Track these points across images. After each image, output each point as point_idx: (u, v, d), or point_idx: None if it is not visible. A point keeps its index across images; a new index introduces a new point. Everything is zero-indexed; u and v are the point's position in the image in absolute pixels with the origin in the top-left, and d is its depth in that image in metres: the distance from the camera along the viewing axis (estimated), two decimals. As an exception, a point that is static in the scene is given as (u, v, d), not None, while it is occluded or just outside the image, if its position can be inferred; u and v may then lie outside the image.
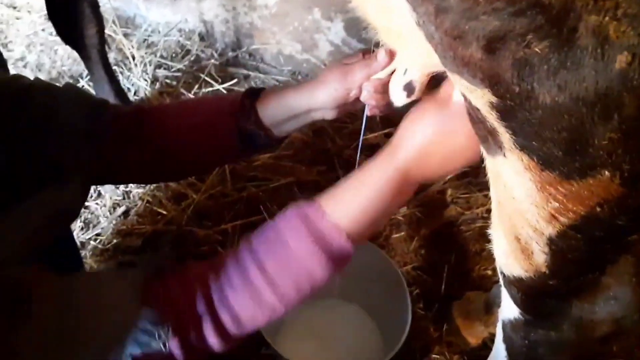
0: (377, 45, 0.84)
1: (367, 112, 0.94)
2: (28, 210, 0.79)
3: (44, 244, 0.82)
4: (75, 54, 1.87)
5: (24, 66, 2.10)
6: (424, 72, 0.80)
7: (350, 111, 1.02)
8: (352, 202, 0.80)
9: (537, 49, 0.43)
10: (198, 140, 1.03)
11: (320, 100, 0.96)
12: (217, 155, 1.09)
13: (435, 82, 0.81)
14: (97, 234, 1.57)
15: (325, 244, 0.78)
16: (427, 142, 0.77)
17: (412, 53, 0.75)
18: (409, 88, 0.82)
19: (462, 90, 0.54)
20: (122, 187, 1.69)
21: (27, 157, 0.85)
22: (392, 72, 0.88)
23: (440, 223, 1.62)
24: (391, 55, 0.87)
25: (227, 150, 1.06)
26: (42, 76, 2.04)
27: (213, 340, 0.77)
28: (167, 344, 0.73)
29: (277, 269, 0.78)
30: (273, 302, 0.78)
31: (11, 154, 0.82)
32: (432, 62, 0.57)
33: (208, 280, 0.78)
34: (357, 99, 0.94)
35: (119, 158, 1.00)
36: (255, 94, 1.02)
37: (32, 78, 0.93)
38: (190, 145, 1.03)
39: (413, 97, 0.83)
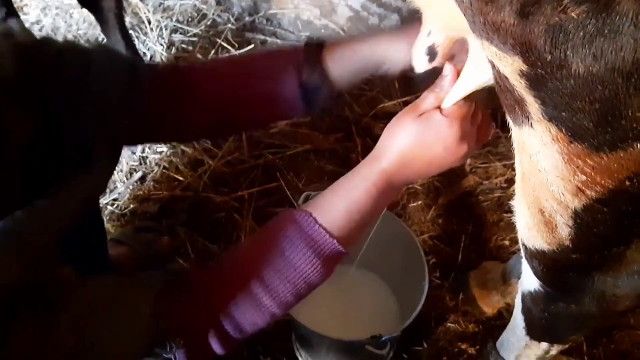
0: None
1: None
2: (67, 197, 0.79)
3: (77, 225, 0.82)
4: (91, 17, 1.85)
5: (40, 30, 2.09)
6: (448, 36, 0.77)
7: None
8: (339, 207, 0.83)
9: (573, 14, 0.41)
10: (254, 95, 0.99)
11: (395, 53, 0.94)
12: (273, 110, 1.04)
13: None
14: (114, 199, 1.58)
15: (319, 250, 0.81)
16: (407, 149, 0.80)
17: (437, 14, 0.73)
18: (431, 52, 0.80)
19: (491, 57, 0.52)
20: (138, 152, 1.69)
21: (60, 126, 0.83)
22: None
23: (458, 192, 1.60)
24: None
25: (290, 102, 1.00)
26: (58, 40, 2.03)
27: (217, 347, 0.82)
28: (175, 355, 0.78)
29: (274, 276, 0.81)
30: (273, 308, 0.82)
31: (45, 124, 0.81)
32: (458, 26, 0.55)
33: (211, 291, 0.82)
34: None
35: (161, 119, 0.98)
36: (318, 45, 0.98)
37: (43, 37, 0.90)
38: (245, 102, 1.00)
39: (435, 64, 0.81)
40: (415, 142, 0.80)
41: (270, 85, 0.98)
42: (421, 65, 0.85)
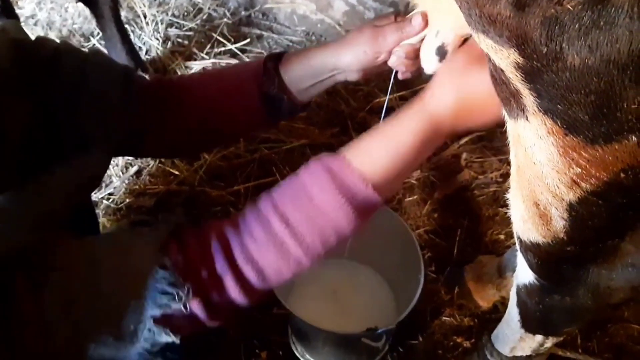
0: (405, 6, 0.81)
1: (393, 77, 0.91)
2: (61, 177, 0.78)
3: (71, 209, 0.82)
4: (86, 11, 1.85)
5: (35, 24, 2.08)
6: (457, 34, 0.77)
7: (373, 74, 0.99)
8: (379, 151, 0.77)
9: (569, 6, 0.41)
10: (224, 108, 1.01)
11: (346, 61, 0.93)
12: (243, 123, 1.06)
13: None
14: (110, 194, 1.58)
15: (351, 195, 0.75)
16: (464, 95, 0.74)
17: (444, 14, 0.73)
18: (441, 52, 0.79)
19: (487, 50, 0.53)
20: (134, 147, 1.69)
21: (57, 123, 0.83)
22: (424, 38, 0.85)
23: (454, 187, 1.60)
24: (426, 20, 0.83)
25: (253, 117, 1.03)
26: (53, 34, 2.02)
27: (236, 295, 0.76)
28: (187, 305, 0.72)
29: (301, 220, 0.75)
30: (299, 254, 0.76)
31: (42, 121, 0.81)
32: (465, 24, 0.55)
33: (227, 234, 0.77)
34: (385, 62, 0.91)
35: (147, 128, 0.99)
36: (278, 58, 0.99)
37: (39, 36, 0.91)
38: (217, 114, 1.01)
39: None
40: (476, 84, 0.72)
41: (236, 99, 1.00)
42: (431, 65, 0.84)
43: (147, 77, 1.07)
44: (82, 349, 0.69)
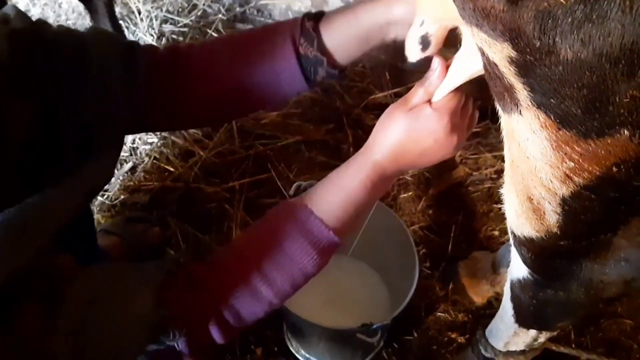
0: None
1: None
2: (71, 188, 0.78)
3: (77, 216, 0.82)
4: (80, 7, 1.84)
5: (29, 20, 2.07)
6: (442, 25, 0.77)
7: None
8: (334, 201, 0.84)
9: (562, 0, 0.41)
10: (253, 75, 0.95)
11: (400, 13, 0.89)
12: (274, 89, 0.99)
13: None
14: (104, 190, 1.57)
15: (316, 242, 0.83)
16: (398, 143, 0.81)
17: (431, 3, 0.73)
18: (424, 41, 0.80)
19: (480, 44, 0.53)
20: (129, 143, 1.68)
21: (59, 113, 0.82)
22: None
23: (448, 183, 1.61)
24: None
25: (288, 83, 0.97)
26: (47, 30, 2.01)
27: (217, 336, 0.82)
28: (178, 343, 0.78)
29: (272, 268, 0.82)
30: (271, 298, 0.83)
31: (43, 111, 0.80)
32: (451, 15, 0.55)
33: (210, 282, 0.83)
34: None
35: (160, 102, 0.95)
36: (317, 17, 0.94)
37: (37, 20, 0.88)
38: (245, 83, 0.96)
39: (427, 53, 0.81)
40: (406, 135, 0.80)
41: (268, 64, 0.95)
42: (414, 54, 0.84)
43: (158, 47, 1.00)
44: None
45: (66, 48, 0.85)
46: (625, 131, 0.49)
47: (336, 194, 0.84)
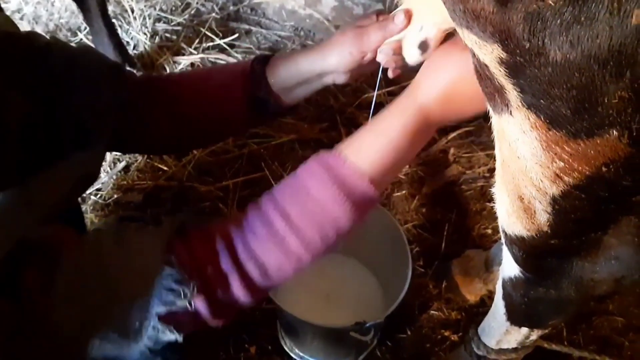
0: (391, 1, 0.82)
1: (380, 72, 0.91)
2: (59, 174, 0.78)
3: (67, 207, 0.82)
4: (73, 6, 1.83)
5: (21, 18, 2.06)
6: (440, 29, 0.78)
7: (361, 74, 1.00)
8: (373, 146, 0.79)
9: (550, 2, 0.42)
10: (212, 108, 1.02)
11: (333, 63, 0.93)
12: (230, 123, 1.07)
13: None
14: (98, 189, 1.57)
15: (349, 190, 0.76)
16: (451, 83, 0.76)
17: (427, 9, 0.74)
18: (423, 46, 0.80)
19: (471, 45, 0.53)
20: (122, 142, 1.68)
21: (55, 120, 0.83)
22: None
23: (441, 182, 1.61)
24: (409, 17, 0.83)
25: (240, 118, 1.04)
26: (39, 29, 2.00)
27: (240, 293, 0.77)
28: (192, 302, 0.73)
29: (301, 217, 0.76)
30: (299, 250, 0.77)
31: (41, 117, 0.81)
32: (448, 18, 0.55)
33: (231, 232, 0.78)
34: (371, 62, 0.91)
35: (136, 124, 0.99)
36: (265, 60, 1.00)
37: (29, 30, 0.91)
38: (205, 113, 1.02)
39: (426, 56, 0.81)
40: (463, 75, 0.73)
41: (223, 101, 1.02)
42: (413, 58, 0.85)
43: (136, 72, 1.08)
44: (87, 345, 0.70)
45: (57, 57, 0.87)
46: (614, 131, 0.49)
47: (375, 140, 0.79)
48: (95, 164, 0.92)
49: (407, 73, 0.90)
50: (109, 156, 1.64)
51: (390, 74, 0.91)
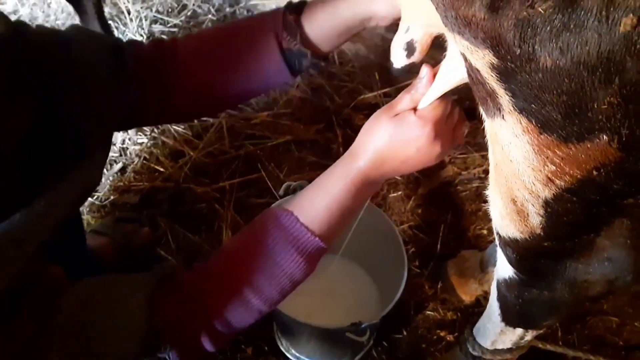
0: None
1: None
2: (62, 193, 0.78)
3: (69, 219, 0.82)
4: (69, 7, 1.83)
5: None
6: (427, 32, 0.78)
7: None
8: (320, 206, 0.84)
9: (540, 9, 0.42)
10: (238, 69, 0.98)
11: (381, 9, 0.91)
12: (260, 82, 1.04)
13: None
14: (94, 191, 1.57)
15: (302, 249, 0.83)
16: (382, 147, 0.81)
17: (415, 10, 0.74)
18: (409, 48, 0.81)
19: (463, 51, 0.54)
20: (118, 143, 1.68)
21: (49, 113, 0.82)
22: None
23: (437, 183, 1.62)
24: None
25: (273, 75, 1.01)
26: (36, 30, 2.00)
27: (208, 345, 0.84)
28: (169, 355, 0.80)
29: (260, 276, 0.83)
30: (260, 306, 0.85)
31: (36, 112, 0.80)
32: (436, 22, 0.56)
33: (201, 292, 0.84)
34: None
35: (149, 97, 0.97)
36: (298, 9, 0.96)
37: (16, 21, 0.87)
38: (230, 77, 0.99)
39: (413, 59, 0.82)
40: (389, 142, 0.81)
41: (252, 59, 0.98)
42: (399, 60, 0.86)
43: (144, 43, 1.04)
44: None
45: (50, 49, 0.85)
46: (604, 136, 0.50)
47: (321, 199, 0.85)
48: (97, 173, 0.92)
49: (402, 74, 0.90)
50: (105, 158, 1.64)
51: None
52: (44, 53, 0.84)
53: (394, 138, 0.80)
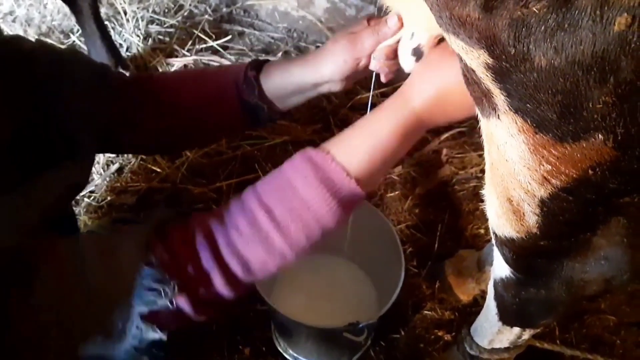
0: (380, 9, 0.82)
1: (374, 76, 0.92)
2: (45, 185, 0.78)
3: (55, 217, 0.81)
4: (65, 8, 1.83)
5: (13, 20, 2.06)
6: (432, 35, 0.78)
7: (358, 80, 0.99)
8: (362, 146, 0.78)
9: (534, 9, 0.42)
10: (203, 111, 1.01)
11: (327, 73, 0.93)
12: (221, 127, 1.07)
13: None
14: (91, 191, 1.57)
15: (335, 189, 0.76)
16: (443, 87, 0.76)
17: (417, 16, 0.74)
18: (417, 53, 0.81)
19: (458, 51, 0.54)
20: (116, 144, 1.68)
21: (36, 123, 0.82)
22: (400, 38, 0.86)
23: (434, 182, 1.62)
24: (402, 20, 0.84)
25: (232, 122, 1.05)
26: (32, 31, 2.00)
27: (223, 290, 0.77)
28: (174, 301, 0.73)
29: (286, 214, 0.76)
30: (283, 248, 0.77)
31: (20, 121, 0.80)
32: (436, 25, 0.56)
33: (212, 228, 0.77)
34: (366, 67, 0.91)
35: (125, 125, 0.99)
36: (259, 66, 1.00)
37: (21, 33, 0.91)
38: (196, 116, 1.02)
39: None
40: (456, 79, 0.70)
41: (215, 105, 1.01)
42: (409, 66, 0.85)
43: (126, 74, 1.08)
44: (73, 350, 0.70)
45: (43, 61, 0.86)
46: (600, 135, 0.50)
47: (363, 140, 0.79)
48: (83, 173, 0.92)
49: (401, 75, 0.90)
50: (102, 158, 1.64)
51: (383, 79, 0.91)
52: (35, 64, 0.85)
53: (458, 77, 0.67)
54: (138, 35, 1.97)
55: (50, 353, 0.68)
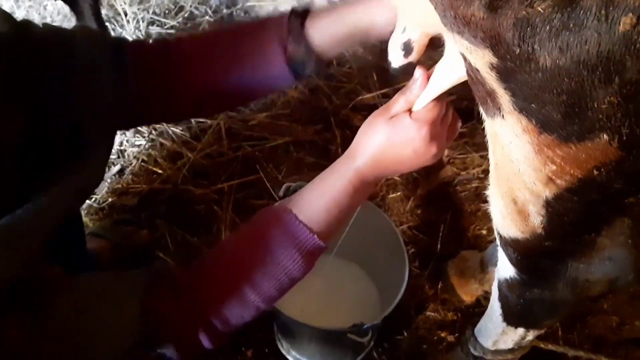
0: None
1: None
2: (61, 193, 0.77)
3: (67, 220, 0.82)
4: (66, 9, 1.83)
5: (14, 22, 2.06)
6: (423, 32, 0.78)
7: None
8: (318, 204, 0.85)
9: (539, 8, 0.42)
10: (242, 71, 0.99)
11: (383, 20, 0.92)
12: (262, 85, 1.04)
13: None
14: (93, 193, 1.57)
15: (300, 246, 0.84)
16: (379, 149, 0.82)
17: (412, 10, 0.74)
18: (406, 48, 0.81)
19: (462, 50, 0.53)
20: (116, 145, 1.68)
21: (50, 115, 0.82)
22: None
23: (436, 183, 1.62)
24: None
25: (276, 80, 1.02)
26: (33, 33, 2.00)
27: (206, 343, 0.83)
28: (167, 352, 0.80)
29: (260, 274, 0.84)
30: (258, 303, 0.85)
31: (35, 115, 0.80)
32: (432, 22, 0.55)
33: (200, 297, 0.84)
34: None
35: (151, 96, 0.97)
36: (303, 15, 0.97)
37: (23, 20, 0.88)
38: (233, 78, 0.99)
39: (410, 59, 0.82)
40: (386, 144, 0.81)
41: (257, 63, 0.98)
42: (397, 60, 0.86)
43: (149, 41, 1.05)
44: None
45: (53, 48, 0.86)
46: (605, 135, 0.50)
47: (320, 198, 0.86)
48: (94, 175, 0.91)
49: (400, 75, 0.90)
50: (103, 160, 1.63)
51: None
52: (46, 53, 0.84)
53: (390, 140, 0.81)
54: (138, 37, 1.97)
55: None
